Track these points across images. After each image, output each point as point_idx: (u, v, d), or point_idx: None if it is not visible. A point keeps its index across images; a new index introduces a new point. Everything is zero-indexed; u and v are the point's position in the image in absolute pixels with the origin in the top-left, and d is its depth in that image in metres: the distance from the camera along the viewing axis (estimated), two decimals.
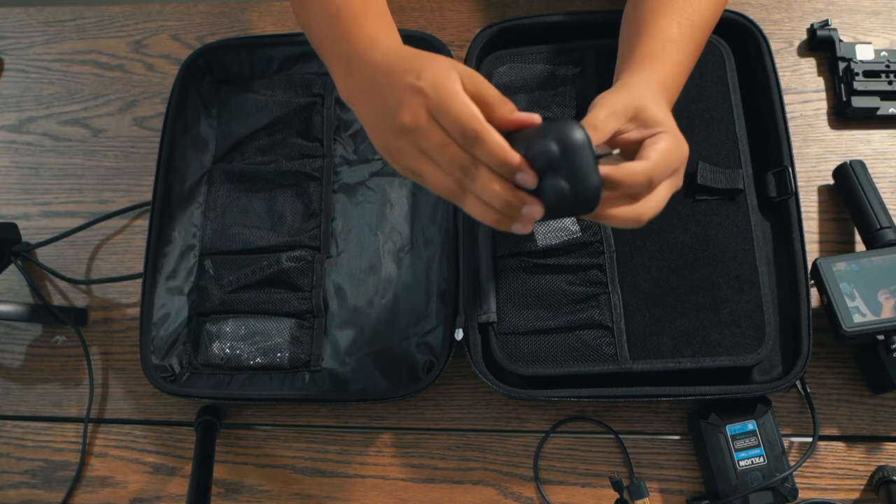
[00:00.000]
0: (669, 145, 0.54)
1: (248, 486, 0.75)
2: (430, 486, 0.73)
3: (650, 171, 0.53)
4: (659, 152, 0.53)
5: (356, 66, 0.56)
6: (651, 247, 0.71)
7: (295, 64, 0.85)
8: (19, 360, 0.82)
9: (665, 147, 0.54)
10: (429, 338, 0.74)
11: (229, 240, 0.80)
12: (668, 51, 0.61)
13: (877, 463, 0.70)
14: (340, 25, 0.59)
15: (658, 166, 0.53)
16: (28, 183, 0.89)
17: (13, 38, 0.95)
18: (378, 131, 0.54)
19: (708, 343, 0.68)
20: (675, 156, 0.55)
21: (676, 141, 0.55)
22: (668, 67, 0.61)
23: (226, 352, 0.76)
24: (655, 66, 0.60)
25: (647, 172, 0.53)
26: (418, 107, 0.50)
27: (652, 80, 0.59)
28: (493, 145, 0.48)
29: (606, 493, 0.71)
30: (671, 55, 0.61)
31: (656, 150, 0.53)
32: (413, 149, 0.51)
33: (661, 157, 0.53)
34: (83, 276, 0.84)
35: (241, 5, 0.94)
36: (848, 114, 0.79)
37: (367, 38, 0.57)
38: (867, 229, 0.72)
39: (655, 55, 0.61)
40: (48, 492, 0.77)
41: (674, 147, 0.55)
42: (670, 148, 0.54)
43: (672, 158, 0.54)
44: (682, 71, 0.62)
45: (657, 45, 0.61)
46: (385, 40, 0.57)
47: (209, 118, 0.86)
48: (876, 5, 0.84)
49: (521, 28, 0.80)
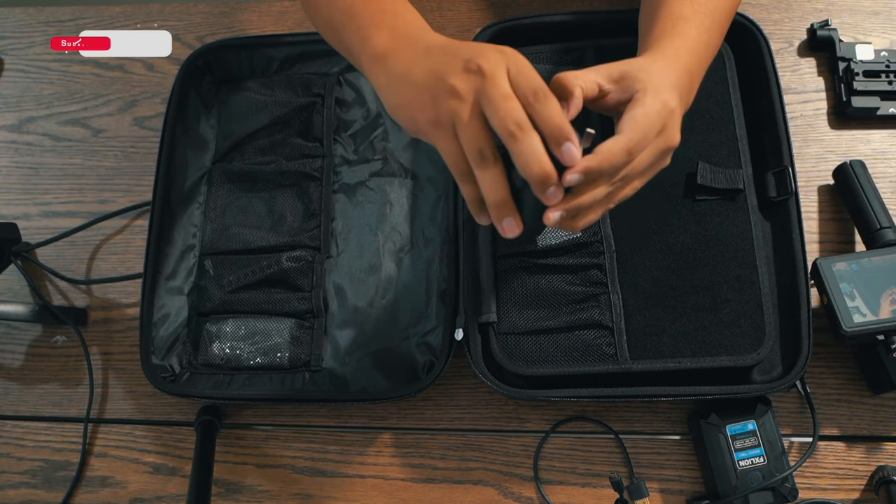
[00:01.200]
0: (646, 109, 0.52)
1: (248, 486, 0.75)
2: (430, 486, 0.73)
3: (626, 144, 0.51)
4: (632, 121, 0.52)
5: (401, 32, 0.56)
6: (651, 247, 0.71)
7: (295, 64, 0.85)
8: (19, 360, 0.82)
9: (638, 113, 0.52)
10: (429, 338, 0.74)
11: (229, 240, 0.80)
12: (679, 27, 0.60)
13: (877, 463, 0.70)
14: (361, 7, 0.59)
15: (633, 138, 0.51)
16: (28, 183, 0.89)
17: (13, 38, 0.95)
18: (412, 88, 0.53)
19: (708, 343, 0.68)
20: (654, 118, 0.52)
21: (655, 99, 0.53)
22: (679, 42, 0.59)
23: (226, 352, 0.76)
24: (665, 42, 0.59)
25: (624, 147, 0.51)
26: (470, 83, 0.50)
27: (663, 54, 0.58)
28: (555, 106, 0.49)
29: (606, 493, 0.71)
30: (683, 31, 0.60)
31: (629, 119, 0.52)
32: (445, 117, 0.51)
33: (636, 127, 0.51)
34: (83, 276, 0.84)
35: (241, 5, 0.94)
36: (848, 114, 0.79)
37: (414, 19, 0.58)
38: (867, 229, 0.72)
39: (666, 33, 0.60)
40: (48, 492, 0.77)
41: (651, 109, 0.52)
42: (646, 112, 0.52)
43: (650, 122, 0.52)
44: (698, 46, 0.60)
45: (668, 24, 0.60)
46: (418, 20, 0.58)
47: (209, 118, 0.86)
48: (876, 5, 0.84)
49: (521, 28, 0.80)
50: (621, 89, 0.54)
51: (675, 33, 0.60)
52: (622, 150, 0.51)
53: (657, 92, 0.53)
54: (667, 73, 0.56)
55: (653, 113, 0.53)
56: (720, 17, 0.63)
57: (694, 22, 0.60)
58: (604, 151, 0.50)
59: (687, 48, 0.59)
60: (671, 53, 0.58)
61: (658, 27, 0.61)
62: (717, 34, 0.63)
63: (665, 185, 0.72)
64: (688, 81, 0.58)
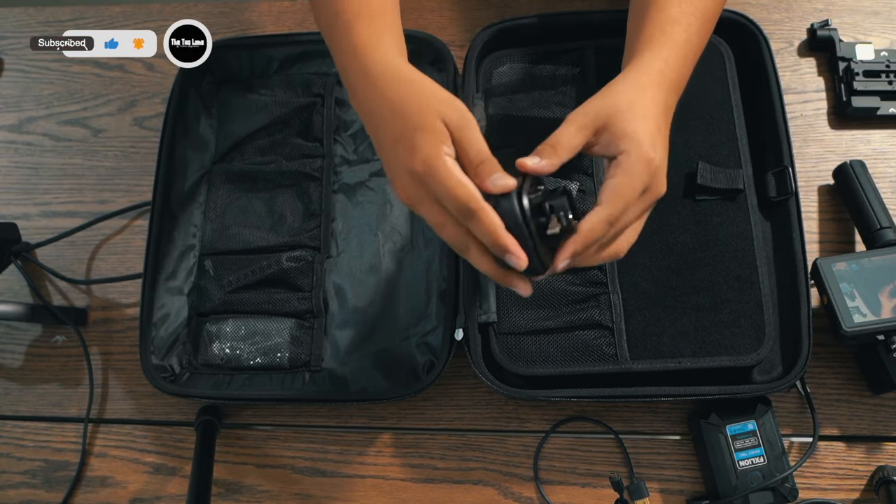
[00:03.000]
0: (629, 178, 0.53)
1: (248, 486, 0.75)
2: (430, 486, 0.73)
3: (607, 217, 0.52)
4: (612, 192, 0.53)
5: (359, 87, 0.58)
6: (651, 247, 0.71)
7: (295, 64, 0.85)
8: (19, 360, 0.82)
9: (619, 183, 0.53)
10: (429, 338, 0.74)
11: (229, 240, 0.80)
12: (668, 32, 0.60)
13: (877, 463, 0.70)
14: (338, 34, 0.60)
15: (614, 211, 0.52)
16: (28, 183, 0.89)
17: (13, 38, 0.95)
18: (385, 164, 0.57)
19: (708, 343, 0.68)
20: (637, 183, 0.53)
21: (638, 161, 0.53)
22: (668, 51, 0.59)
23: (226, 352, 0.76)
24: (654, 51, 0.59)
25: (605, 220, 0.52)
26: (414, 185, 0.53)
27: (651, 68, 0.58)
28: (488, 224, 0.50)
29: (606, 493, 0.71)
30: (672, 35, 0.60)
31: (610, 190, 0.53)
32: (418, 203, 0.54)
33: (616, 199, 0.52)
34: (83, 276, 0.84)
35: (241, 5, 0.94)
36: (848, 114, 0.79)
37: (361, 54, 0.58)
38: (867, 229, 0.72)
39: (655, 38, 0.60)
40: (48, 492, 0.77)
41: (634, 174, 0.53)
42: (629, 181, 0.53)
43: (632, 190, 0.53)
44: (686, 53, 0.60)
45: (658, 27, 0.60)
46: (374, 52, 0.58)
47: (209, 118, 0.86)
48: (876, 5, 0.84)
49: (521, 28, 0.80)
50: (604, 145, 0.55)
51: (664, 39, 0.60)
52: (603, 223, 0.52)
53: (640, 149, 0.53)
54: (650, 112, 0.56)
55: (636, 178, 0.53)
56: (708, 17, 0.63)
57: (682, 25, 0.61)
58: (585, 231, 0.52)
59: (677, 57, 0.59)
60: (659, 67, 0.58)
61: (647, 31, 0.60)
62: (705, 35, 0.64)
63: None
64: (673, 100, 0.59)
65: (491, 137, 0.76)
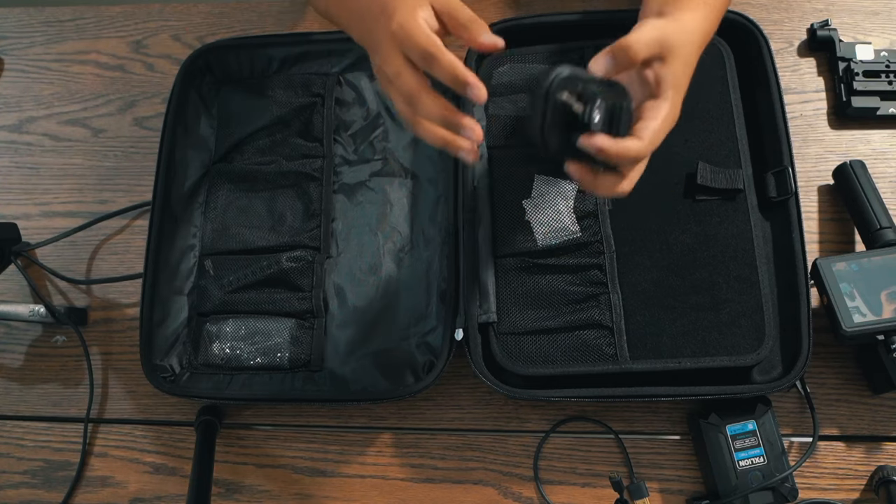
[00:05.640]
0: (665, 121, 0.56)
1: (248, 486, 0.75)
2: (430, 486, 0.73)
3: (641, 151, 0.55)
4: (653, 133, 0.56)
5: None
6: (651, 247, 0.71)
7: (295, 64, 0.85)
8: (19, 360, 0.82)
9: (659, 126, 0.56)
10: (429, 338, 0.74)
11: (229, 240, 0.80)
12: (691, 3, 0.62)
13: (877, 463, 0.70)
14: None
15: (649, 147, 0.56)
16: (28, 183, 0.89)
17: (13, 38, 0.95)
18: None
19: (708, 343, 0.68)
20: (667, 130, 0.57)
21: (672, 112, 0.57)
22: (708, 12, 0.62)
23: (226, 352, 0.76)
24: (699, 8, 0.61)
25: (639, 152, 0.55)
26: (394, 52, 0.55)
27: (697, 22, 0.60)
28: (446, 63, 0.53)
29: (606, 493, 0.71)
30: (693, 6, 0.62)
31: (650, 131, 0.56)
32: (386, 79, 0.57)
33: (654, 137, 0.56)
34: (83, 276, 0.84)
35: (241, 5, 0.94)
36: (848, 114, 0.79)
37: None
38: (867, 229, 0.72)
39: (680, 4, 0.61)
40: (48, 492, 0.77)
41: (669, 120, 0.57)
42: (666, 122, 0.57)
43: (663, 134, 0.57)
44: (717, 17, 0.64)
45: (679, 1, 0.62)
46: None
47: (209, 118, 0.86)
48: (876, 5, 0.84)
49: (522, 28, 0.80)
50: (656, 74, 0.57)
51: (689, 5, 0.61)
52: (638, 152, 0.55)
53: (675, 108, 0.58)
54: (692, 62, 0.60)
55: (668, 125, 0.57)
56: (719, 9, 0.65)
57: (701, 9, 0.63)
58: (620, 147, 0.54)
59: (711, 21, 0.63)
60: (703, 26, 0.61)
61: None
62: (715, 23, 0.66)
63: (665, 185, 0.72)
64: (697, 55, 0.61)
65: (491, 137, 0.77)
